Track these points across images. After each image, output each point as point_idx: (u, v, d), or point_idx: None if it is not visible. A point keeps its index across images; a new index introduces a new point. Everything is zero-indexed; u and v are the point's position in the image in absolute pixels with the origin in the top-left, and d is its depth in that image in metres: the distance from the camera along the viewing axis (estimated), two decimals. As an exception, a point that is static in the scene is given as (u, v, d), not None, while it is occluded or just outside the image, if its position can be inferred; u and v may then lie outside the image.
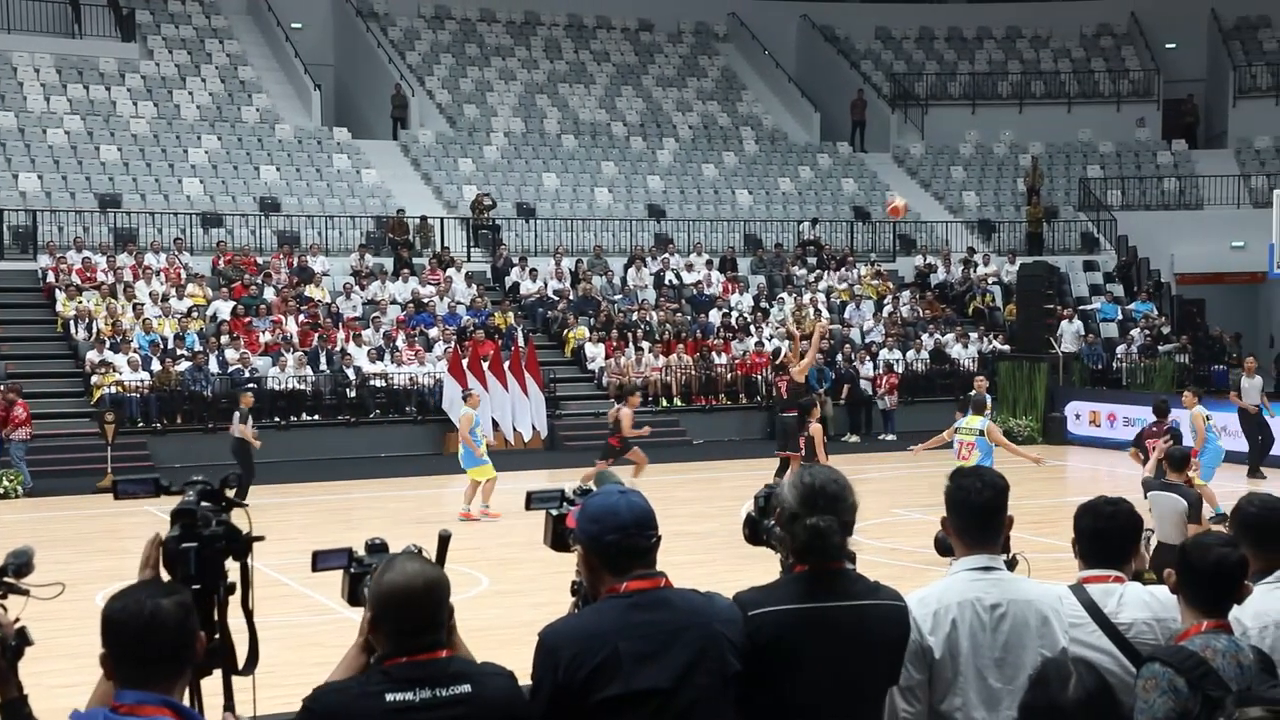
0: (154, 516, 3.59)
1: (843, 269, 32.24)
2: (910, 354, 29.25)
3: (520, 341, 25.90)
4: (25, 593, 3.34)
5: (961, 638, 3.77)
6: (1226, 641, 3.65)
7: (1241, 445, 21.33)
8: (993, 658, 3.78)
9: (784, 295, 30.67)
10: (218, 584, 3.51)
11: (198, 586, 3.44)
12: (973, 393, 16.18)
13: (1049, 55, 40.78)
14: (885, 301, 31.27)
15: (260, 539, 3.62)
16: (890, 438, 26.82)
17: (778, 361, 18.85)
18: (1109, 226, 35.21)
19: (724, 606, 3.46)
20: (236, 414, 19.03)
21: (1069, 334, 29.21)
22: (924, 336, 29.84)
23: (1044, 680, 3.00)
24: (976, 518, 3.92)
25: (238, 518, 3.60)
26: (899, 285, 32.28)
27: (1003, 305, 31.84)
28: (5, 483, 20.13)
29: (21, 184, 28.18)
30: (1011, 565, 4.22)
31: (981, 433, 14.40)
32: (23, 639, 3.22)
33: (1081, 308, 31.93)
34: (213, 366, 24.37)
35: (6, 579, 3.30)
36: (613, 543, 3.39)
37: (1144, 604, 3.98)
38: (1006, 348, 29.21)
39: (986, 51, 40.99)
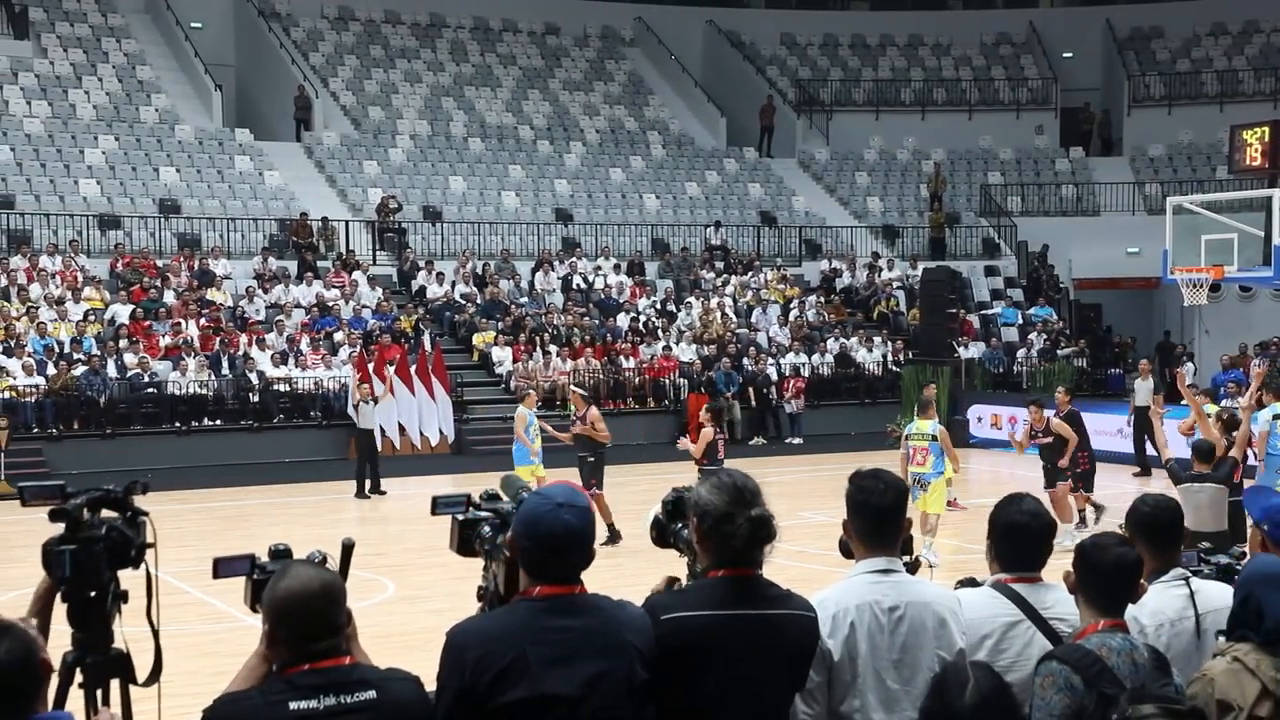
0: (46, 524, 3.50)
1: (749, 273, 32.46)
2: (816, 358, 29.53)
3: (427, 345, 25.73)
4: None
5: (860, 640, 3.79)
6: (1122, 640, 3.72)
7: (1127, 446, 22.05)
8: (890, 659, 3.80)
9: (691, 299, 30.80)
10: (104, 590, 3.43)
11: (92, 593, 3.37)
12: (923, 396, 16.33)
13: (950, 63, 41.44)
14: (791, 306, 31.52)
15: (151, 545, 3.55)
16: (797, 441, 27.05)
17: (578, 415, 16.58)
18: (1009, 232, 35.85)
19: (634, 615, 3.45)
20: None
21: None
22: (829, 341, 30.14)
23: (942, 685, 3.02)
24: (877, 520, 3.94)
25: (141, 525, 3.53)
26: (805, 289, 32.57)
27: (906, 309, 32.27)
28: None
29: (-90, 184, 27.41)
30: (914, 568, 4.26)
31: (934, 437, 14.53)
32: None
33: (983, 312, 32.48)
34: (111, 371, 23.89)
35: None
36: (528, 550, 3.36)
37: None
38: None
39: (890, 59, 41.54)
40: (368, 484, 19.86)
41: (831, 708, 3.79)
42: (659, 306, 30.67)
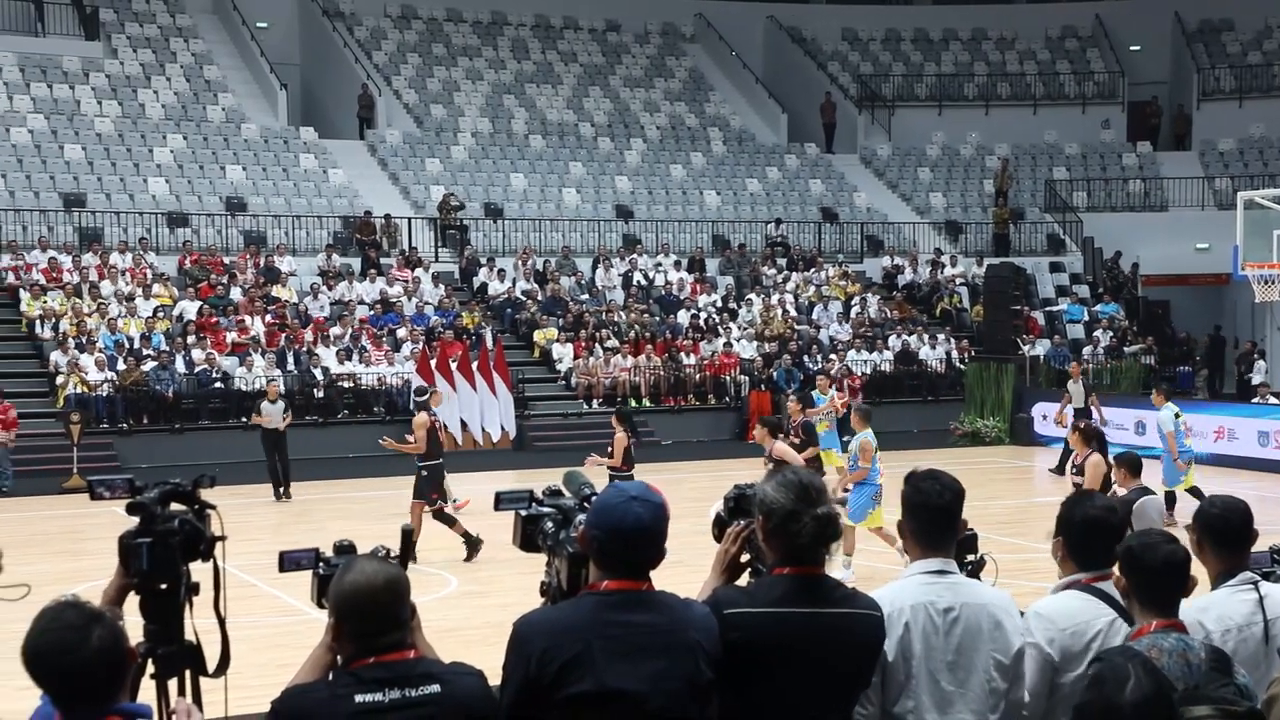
0: (117, 517, 3.57)
1: (811, 270, 32.34)
2: (877, 355, 29.36)
3: (488, 342, 25.87)
4: (-11, 595, 3.33)
5: (914, 640, 3.77)
6: (1175, 640, 3.66)
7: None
8: (945, 661, 3.78)
9: (752, 296, 30.73)
10: (177, 582, 3.49)
11: (164, 586, 3.43)
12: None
13: (1015, 57, 41.02)
14: (853, 302, 31.37)
15: (223, 539, 3.61)
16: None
17: None
18: (1075, 228, 35.44)
19: (701, 614, 3.45)
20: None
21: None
22: (891, 337, 29.95)
23: (1100, 681, 2.97)
24: (933, 521, 3.92)
25: (208, 519, 3.59)
26: (866, 286, 32.40)
27: (970, 306, 32.01)
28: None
29: (-16, 183, 27.94)
30: (980, 566, 4.22)
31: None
32: None
33: (1048, 309, 32.14)
34: (179, 367, 24.23)
35: (-30, 581, 3.29)
36: (599, 540, 3.38)
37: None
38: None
39: (953, 53, 41.19)
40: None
41: (885, 708, 3.77)
42: (720, 303, 30.64)
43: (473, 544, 14.14)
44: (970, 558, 4.04)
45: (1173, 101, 39.62)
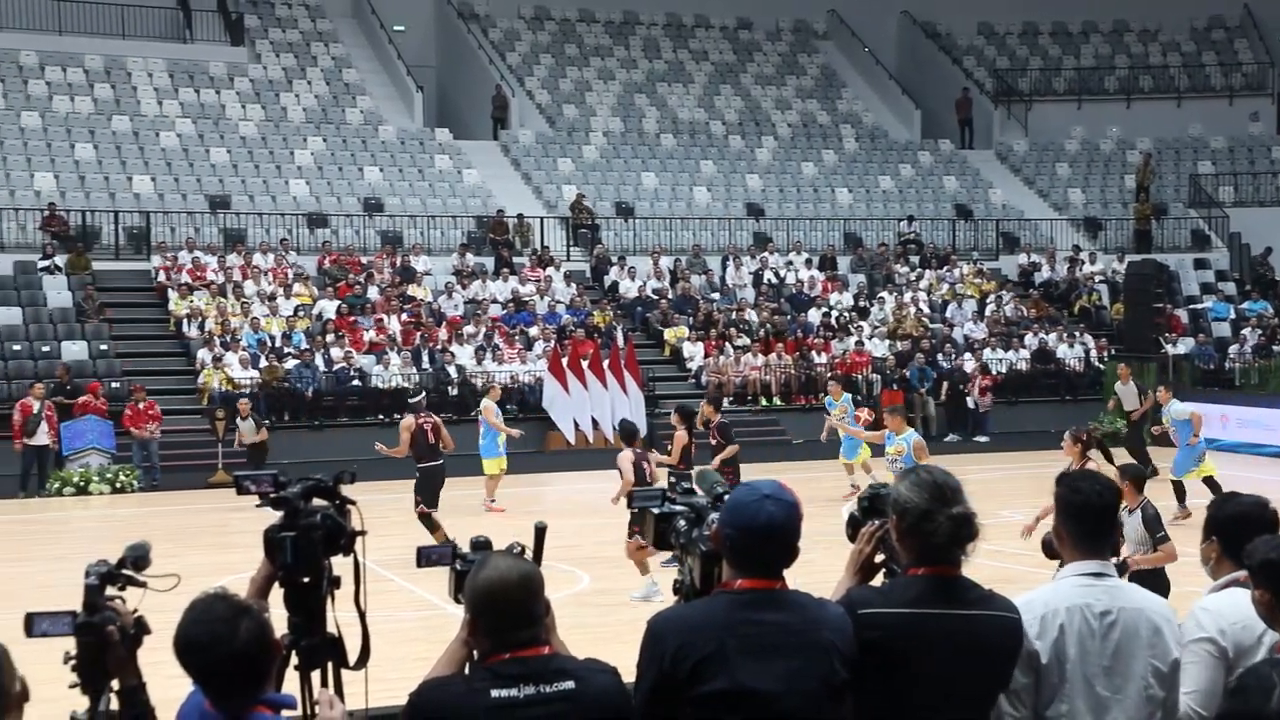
0: (262, 511, 3.67)
1: (944, 268, 31.89)
2: (1013, 354, 28.83)
3: (619, 340, 25.99)
4: (143, 584, 3.44)
5: (1069, 643, 3.70)
6: None
7: None
8: (1101, 665, 3.70)
9: (884, 294, 30.41)
10: (319, 576, 3.57)
11: (307, 579, 3.52)
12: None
13: (1157, 49, 39.93)
14: (988, 300, 30.85)
15: (363, 534, 3.68)
16: (983, 439, 26.41)
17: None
18: (1220, 224, 34.37)
19: (835, 614, 3.43)
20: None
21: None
22: (1027, 336, 29.39)
23: (1243, 690, 2.89)
24: (1090, 522, 3.84)
25: (349, 514, 3.67)
26: (1002, 284, 31.83)
27: (1109, 304, 31.25)
28: (122, 477, 20.72)
29: (136, 186, 28.91)
30: (1122, 570, 4.12)
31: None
32: (141, 628, 3.32)
33: (1191, 307, 31.23)
34: (319, 364, 24.79)
35: (125, 571, 3.40)
36: (732, 538, 3.38)
37: None
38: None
39: (1093, 46, 40.26)
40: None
41: (1038, 711, 3.71)
42: (851, 301, 30.38)
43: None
44: (1115, 561, 3.95)
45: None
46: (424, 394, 18.37)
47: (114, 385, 23.29)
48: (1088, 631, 3.71)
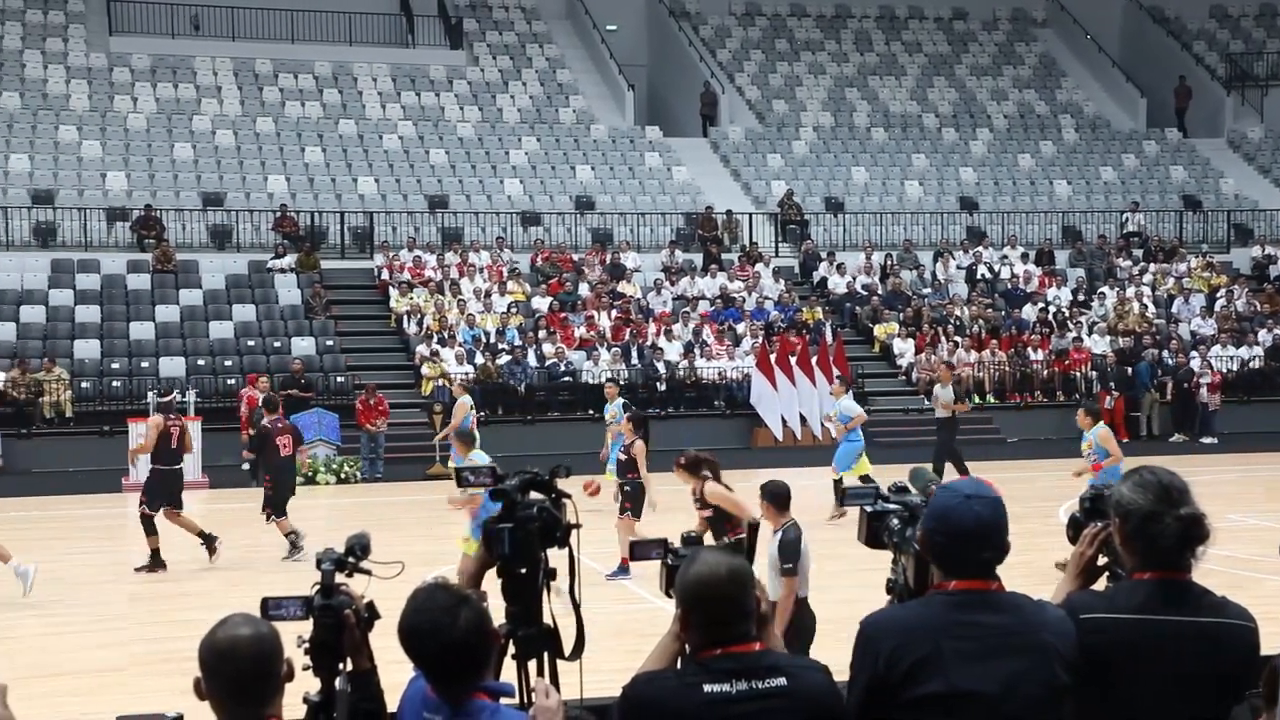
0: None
1: (1170, 261, 30.63)
2: (1244, 351, 27.51)
3: (828, 337, 25.79)
4: (368, 572, 3.56)
5: None
6: None
7: None
8: None
9: (1105, 289, 29.39)
10: (536, 567, 3.65)
11: (524, 570, 3.60)
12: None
13: None
14: (1218, 295, 29.52)
15: (578, 526, 3.74)
16: (1210, 440, 25.25)
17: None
18: None
19: (1055, 616, 3.33)
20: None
21: None
22: (1260, 332, 28.00)
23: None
24: None
25: (564, 507, 3.74)
26: (1233, 278, 30.41)
27: (1352, 299, 29.54)
28: (347, 468, 21.55)
29: (360, 187, 30.01)
30: None
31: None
32: (373, 612, 3.43)
33: None
34: (531, 360, 25.29)
35: (351, 559, 3.52)
36: (941, 544, 3.32)
37: None
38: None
39: (1334, 26, 38.10)
40: None
41: None
42: (1070, 296, 29.46)
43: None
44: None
45: None
46: (174, 394, 17.03)
47: (338, 380, 24.23)
48: None
